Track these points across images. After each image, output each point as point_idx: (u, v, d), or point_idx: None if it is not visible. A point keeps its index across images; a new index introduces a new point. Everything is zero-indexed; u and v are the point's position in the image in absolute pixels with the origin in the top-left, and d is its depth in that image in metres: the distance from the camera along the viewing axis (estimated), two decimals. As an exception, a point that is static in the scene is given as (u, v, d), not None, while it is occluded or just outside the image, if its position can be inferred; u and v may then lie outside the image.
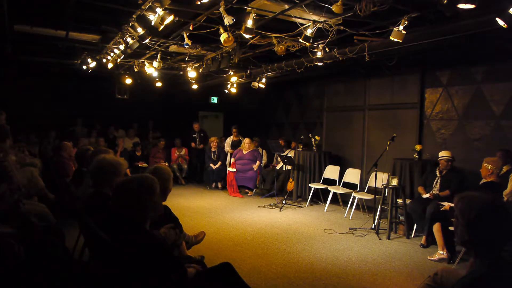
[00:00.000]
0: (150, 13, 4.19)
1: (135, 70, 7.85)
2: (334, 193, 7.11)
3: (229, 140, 9.60)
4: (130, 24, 4.73)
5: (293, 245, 5.02)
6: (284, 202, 7.47)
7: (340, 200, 7.43)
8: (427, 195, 5.35)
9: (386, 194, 5.67)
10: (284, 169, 8.34)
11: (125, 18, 4.93)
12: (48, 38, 6.29)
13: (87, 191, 3.34)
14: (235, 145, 9.36)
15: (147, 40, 4.87)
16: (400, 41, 4.22)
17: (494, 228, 1.70)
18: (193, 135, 10.04)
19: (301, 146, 8.37)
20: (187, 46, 5.45)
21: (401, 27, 4.15)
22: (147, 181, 2.27)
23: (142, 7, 4.21)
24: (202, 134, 10.11)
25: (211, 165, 9.26)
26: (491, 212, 1.71)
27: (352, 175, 7.33)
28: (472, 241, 1.76)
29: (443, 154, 5.42)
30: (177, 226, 3.32)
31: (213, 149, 9.36)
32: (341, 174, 7.47)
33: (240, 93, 9.82)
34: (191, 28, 4.94)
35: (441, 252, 4.59)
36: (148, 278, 2.06)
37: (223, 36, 4.53)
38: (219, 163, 9.22)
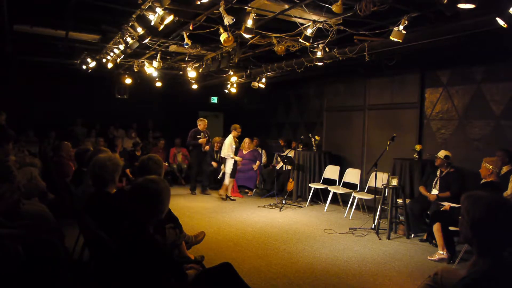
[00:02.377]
0: (150, 13, 4.19)
1: (135, 70, 7.86)
2: (334, 193, 7.11)
3: (232, 142, 8.02)
4: (130, 24, 4.73)
5: (293, 245, 5.02)
6: (284, 202, 7.47)
7: (340, 200, 7.43)
8: (428, 194, 5.37)
9: (386, 194, 5.67)
10: (284, 169, 8.33)
11: (125, 18, 4.94)
12: (48, 38, 6.29)
13: (87, 191, 3.33)
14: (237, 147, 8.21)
15: (147, 40, 4.88)
16: (400, 41, 4.23)
17: (498, 228, 1.71)
18: (198, 136, 8.41)
19: (301, 146, 8.37)
20: (187, 46, 5.45)
21: (401, 27, 4.15)
22: (166, 185, 2.27)
23: (142, 7, 4.22)
24: (207, 136, 8.47)
25: (213, 163, 9.09)
26: (496, 212, 1.71)
27: (352, 175, 7.33)
28: (475, 239, 1.76)
29: (439, 153, 5.44)
30: (177, 226, 3.33)
31: (216, 149, 9.35)
32: (341, 174, 7.47)
33: (240, 93, 9.83)
34: (191, 28, 4.93)
35: (441, 252, 4.59)
36: (147, 281, 2.05)
37: (223, 36, 4.53)
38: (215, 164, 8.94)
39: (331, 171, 7.72)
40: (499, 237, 1.71)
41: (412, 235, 5.54)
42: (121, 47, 5.74)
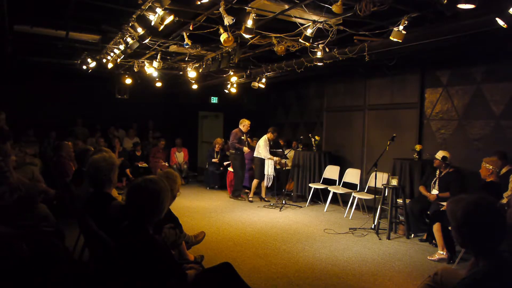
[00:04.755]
0: (150, 13, 4.19)
1: (135, 70, 7.85)
2: (334, 193, 7.11)
3: (267, 143, 7.78)
4: (130, 24, 4.73)
5: (293, 245, 5.02)
6: (284, 202, 7.47)
7: (340, 200, 7.43)
8: (428, 194, 5.37)
9: (386, 194, 5.67)
10: (284, 169, 8.33)
11: (125, 18, 4.93)
12: (48, 38, 6.29)
13: (87, 191, 3.33)
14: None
15: (147, 40, 4.88)
16: (400, 41, 4.23)
17: (482, 227, 1.72)
18: (242, 137, 7.96)
19: (301, 146, 8.37)
20: (187, 46, 5.45)
21: (401, 27, 4.15)
22: (166, 185, 2.27)
23: (142, 7, 4.21)
24: (248, 137, 8.02)
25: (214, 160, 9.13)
26: (476, 212, 1.73)
27: (352, 175, 7.33)
28: (464, 241, 1.77)
29: (437, 154, 5.44)
30: (177, 226, 3.33)
31: (216, 150, 9.37)
32: (341, 174, 7.47)
33: (240, 93, 9.83)
34: (191, 28, 4.93)
35: (441, 252, 4.59)
36: (147, 281, 2.05)
37: (223, 36, 4.53)
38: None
39: (331, 171, 7.72)
40: (487, 237, 1.72)
41: (412, 235, 5.54)
42: (121, 47, 5.74)
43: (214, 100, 12.31)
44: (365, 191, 7.02)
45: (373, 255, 4.75)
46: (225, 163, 9.24)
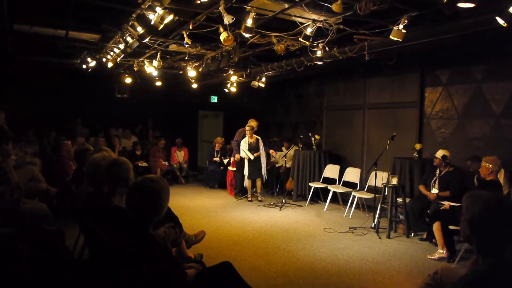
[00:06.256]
0: (149, 12, 4.19)
1: (135, 69, 7.84)
2: (334, 192, 7.11)
3: (245, 141, 7.93)
4: (130, 23, 4.73)
5: (293, 244, 5.03)
6: (284, 201, 7.47)
7: (340, 199, 7.43)
8: (428, 193, 5.37)
9: (386, 193, 5.68)
10: (284, 168, 8.33)
11: (125, 17, 4.93)
12: (48, 37, 6.28)
13: (87, 190, 3.33)
14: (253, 148, 7.90)
15: (146, 39, 4.87)
16: (400, 40, 4.22)
17: (496, 227, 1.71)
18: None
19: (301, 145, 8.37)
20: (187, 45, 5.44)
21: (401, 26, 4.15)
22: (166, 184, 2.27)
23: (142, 6, 4.21)
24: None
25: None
26: (496, 211, 1.72)
27: (352, 174, 7.33)
28: (473, 236, 1.76)
29: (437, 153, 5.44)
30: (177, 225, 3.33)
31: (216, 149, 9.37)
32: (341, 173, 7.47)
33: (240, 92, 9.82)
34: (191, 27, 4.93)
35: (441, 251, 4.60)
36: (147, 280, 2.05)
37: (223, 35, 4.52)
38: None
39: (331, 170, 7.72)
40: (498, 236, 1.72)
41: (412, 234, 5.54)
42: (121, 46, 5.74)
43: (214, 99, 12.31)
44: (365, 190, 7.02)
45: (373, 254, 4.75)
46: (224, 161, 9.24)
